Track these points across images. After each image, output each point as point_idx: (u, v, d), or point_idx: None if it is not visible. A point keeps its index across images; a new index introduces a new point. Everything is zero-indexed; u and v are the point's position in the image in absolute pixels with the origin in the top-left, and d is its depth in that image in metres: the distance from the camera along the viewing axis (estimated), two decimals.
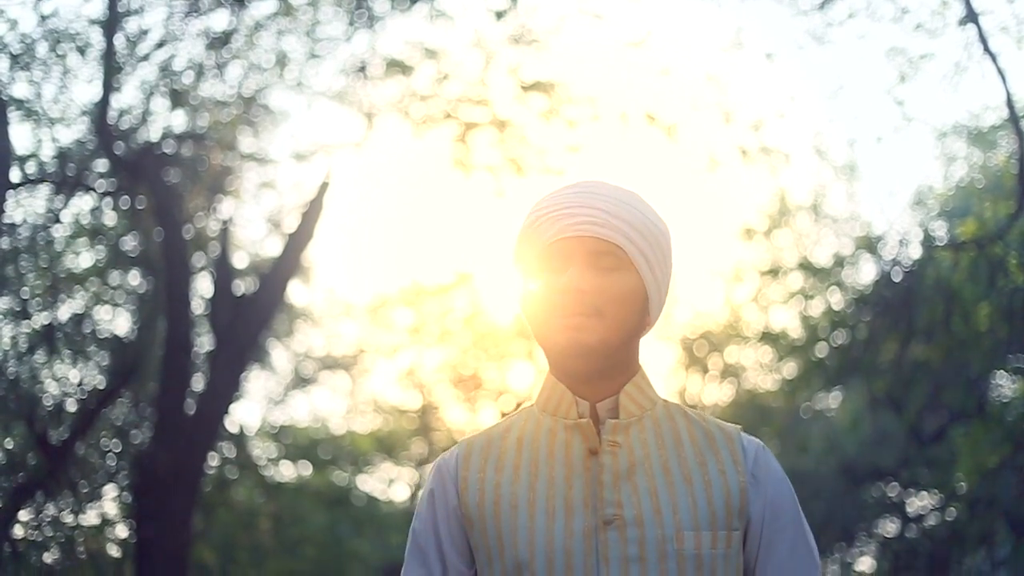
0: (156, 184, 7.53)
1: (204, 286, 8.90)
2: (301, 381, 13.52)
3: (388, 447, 15.24)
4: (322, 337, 14.13)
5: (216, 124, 8.21)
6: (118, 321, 8.30)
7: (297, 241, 8.28)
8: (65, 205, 7.48)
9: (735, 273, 13.43)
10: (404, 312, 15.41)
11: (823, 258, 10.76)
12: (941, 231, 9.33)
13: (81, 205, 7.85)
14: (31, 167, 7.23)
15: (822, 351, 9.15)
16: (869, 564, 13.67)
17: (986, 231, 6.79)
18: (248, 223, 11.50)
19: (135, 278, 8.46)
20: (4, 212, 6.68)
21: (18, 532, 7.26)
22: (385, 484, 16.32)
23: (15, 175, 6.90)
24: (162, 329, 7.97)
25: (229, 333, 7.99)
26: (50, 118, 7.12)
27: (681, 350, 15.11)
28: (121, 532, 8.77)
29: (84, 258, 8.15)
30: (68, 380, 7.72)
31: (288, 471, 13.53)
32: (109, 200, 7.95)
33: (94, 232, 8.01)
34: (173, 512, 7.32)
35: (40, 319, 7.42)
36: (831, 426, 13.51)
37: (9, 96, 6.73)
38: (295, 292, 12.19)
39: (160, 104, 7.80)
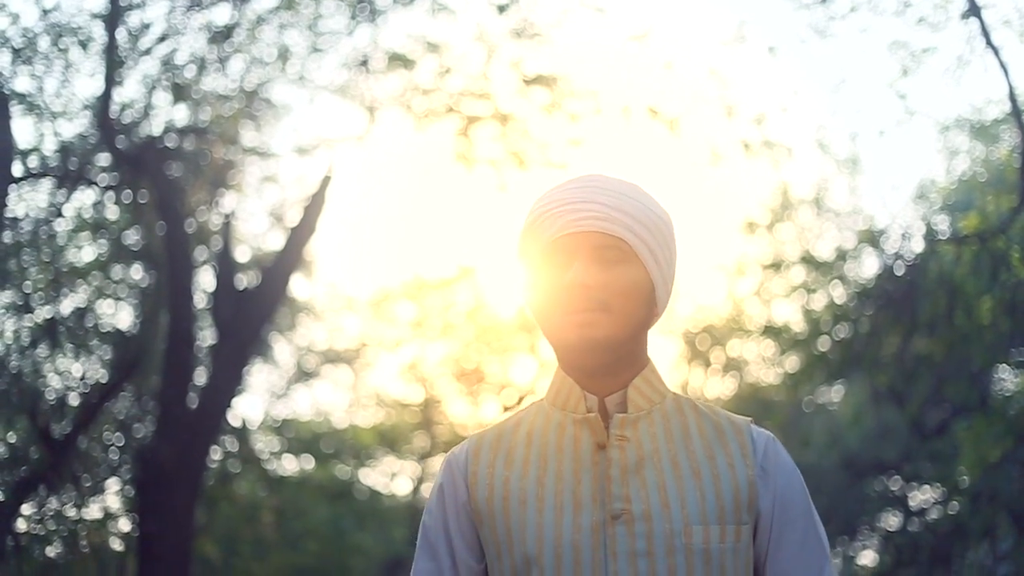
0: (158, 178, 7.53)
1: (206, 280, 8.92)
2: (303, 375, 13.54)
3: (390, 441, 15.23)
4: (324, 331, 14.17)
5: (218, 118, 8.20)
6: (120, 315, 8.32)
7: (299, 235, 8.28)
8: (67, 199, 7.49)
9: (737, 267, 13.41)
10: (406, 306, 15.41)
11: (825, 252, 10.73)
12: (943, 225, 9.32)
13: (83, 199, 7.88)
14: (33, 161, 7.24)
15: (824, 345, 9.12)
16: (871, 558, 13.69)
17: (988, 225, 6.79)
18: (250, 217, 11.47)
19: (137, 272, 8.46)
20: (6, 206, 6.68)
21: (21, 526, 7.27)
22: (387, 478, 16.35)
23: (17, 169, 6.91)
24: (164, 323, 7.98)
25: (231, 327, 8.00)
26: (52, 112, 7.13)
27: (683, 344, 15.10)
28: (124, 526, 8.81)
29: (86, 252, 8.16)
30: (70, 374, 7.74)
31: (290, 465, 13.57)
32: (111, 194, 7.95)
33: (96, 226, 8.02)
34: (176, 506, 7.33)
35: (42, 313, 7.43)
36: (833, 420, 13.53)
37: (11, 90, 6.73)
38: (297, 286, 12.22)
39: (162, 98, 7.81)
